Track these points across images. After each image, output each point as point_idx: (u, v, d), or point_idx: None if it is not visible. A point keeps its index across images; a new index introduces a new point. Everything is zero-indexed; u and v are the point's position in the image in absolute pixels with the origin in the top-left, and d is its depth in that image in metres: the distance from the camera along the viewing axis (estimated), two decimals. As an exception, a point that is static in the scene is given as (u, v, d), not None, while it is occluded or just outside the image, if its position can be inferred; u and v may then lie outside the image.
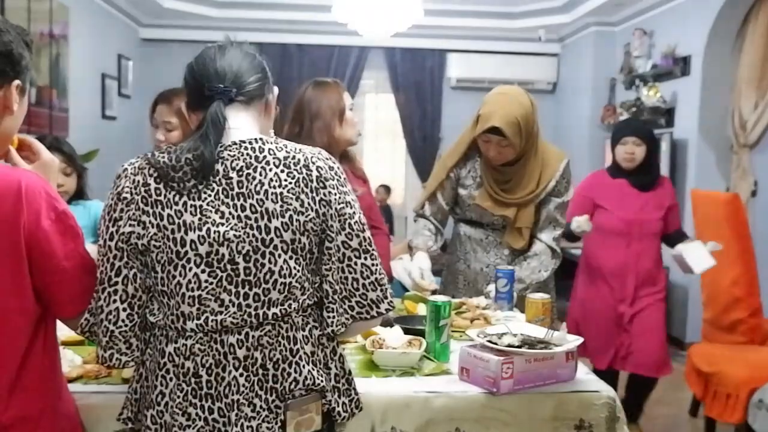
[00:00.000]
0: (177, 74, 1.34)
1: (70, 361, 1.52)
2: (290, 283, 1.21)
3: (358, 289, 1.25)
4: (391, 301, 1.29)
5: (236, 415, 1.18)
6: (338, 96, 2.28)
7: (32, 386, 1.16)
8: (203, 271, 1.17)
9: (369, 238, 1.27)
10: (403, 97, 6.52)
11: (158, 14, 5.94)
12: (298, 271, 1.22)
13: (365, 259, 1.25)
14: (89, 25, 4.98)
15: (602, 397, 1.50)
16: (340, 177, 1.27)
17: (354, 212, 1.26)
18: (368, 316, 1.27)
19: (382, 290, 1.27)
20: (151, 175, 1.19)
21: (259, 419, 1.19)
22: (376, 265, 1.27)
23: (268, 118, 1.36)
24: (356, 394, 1.33)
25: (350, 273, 1.25)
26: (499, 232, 2.47)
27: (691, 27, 4.58)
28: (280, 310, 1.20)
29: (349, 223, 1.24)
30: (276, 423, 1.21)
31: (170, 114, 2.16)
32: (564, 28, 6.18)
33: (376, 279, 1.26)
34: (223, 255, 1.17)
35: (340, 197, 1.25)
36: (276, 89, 1.39)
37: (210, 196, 1.18)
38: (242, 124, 1.26)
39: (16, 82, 1.17)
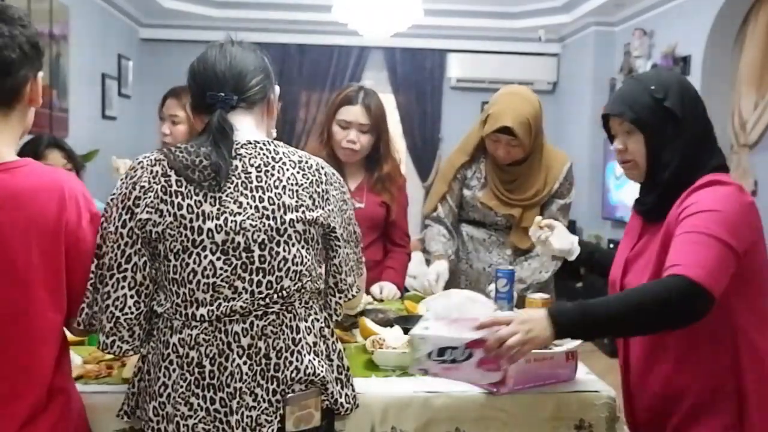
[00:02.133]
0: (177, 74, 1.36)
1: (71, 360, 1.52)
2: (301, 270, 1.27)
3: (339, 273, 1.37)
4: (359, 285, 1.43)
5: (238, 403, 1.21)
6: (333, 107, 2.30)
7: (62, 383, 1.22)
8: (218, 259, 1.21)
9: (353, 231, 1.40)
10: (403, 97, 6.51)
11: (158, 14, 5.93)
12: (308, 259, 1.28)
13: (345, 247, 1.37)
14: (89, 25, 4.98)
15: (602, 397, 1.50)
16: (340, 180, 1.39)
17: (347, 209, 1.39)
18: (346, 299, 1.40)
19: (353, 276, 1.41)
20: (171, 168, 1.23)
21: (259, 410, 1.22)
22: (356, 253, 1.42)
23: (271, 117, 1.40)
24: (354, 390, 1.37)
25: (334, 258, 1.37)
26: (501, 232, 2.47)
27: (691, 27, 4.57)
28: (288, 292, 1.25)
29: (343, 218, 1.37)
30: (275, 417, 1.23)
31: (178, 108, 2.24)
32: (564, 28, 6.18)
33: (351, 267, 1.40)
34: (238, 243, 1.22)
35: (339, 197, 1.36)
36: (278, 88, 1.42)
37: (230, 188, 1.23)
38: (248, 128, 1.31)
39: (41, 73, 1.23)
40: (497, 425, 1.46)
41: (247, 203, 1.23)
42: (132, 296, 1.23)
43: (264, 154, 1.27)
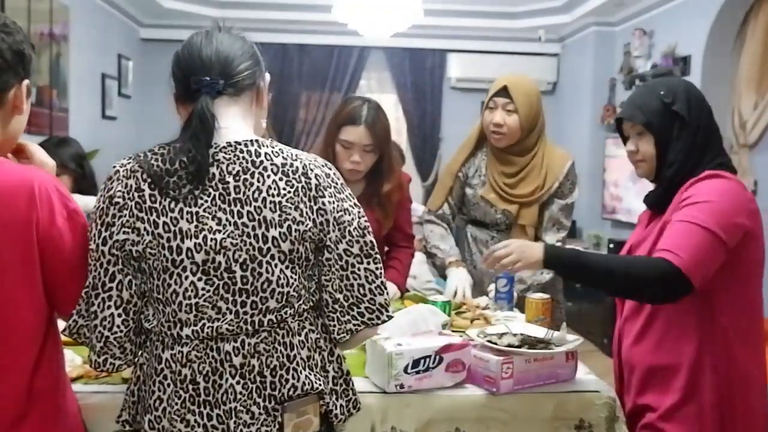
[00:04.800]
0: (177, 75, 1.33)
1: (70, 361, 1.52)
2: (288, 292, 1.19)
3: (365, 295, 1.23)
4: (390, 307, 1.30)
5: (234, 422, 1.17)
6: (335, 125, 2.21)
7: (45, 386, 1.18)
8: (200, 279, 1.15)
9: (371, 242, 1.24)
10: (403, 97, 6.51)
11: (158, 14, 5.93)
12: (295, 279, 1.20)
13: (368, 263, 1.23)
14: (89, 25, 4.98)
15: (602, 397, 1.50)
16: (337, 183, 1.25)
17: (353, 219, 1.23)
18: (378, 321, 1.25)
19: (387, 294, 1.26)
20: (144, 180, 1.16)
21: (258, 424, 1.18)
22: (380, 268, 1.25)
23: (260, 107, 1.32)
24: (354, 394, 1.31)
25: (355, 279, 1.23)
26: (503, 233, 2.47)
27: (691, 27, 4.57)
28: (276, 317, 1.19)
29: (349, 230, 1.22)
30: (274, 426, 1.19)
31: None
32: (564, 28, 6.18)
33: (381, 282, 1.25)
34: (219, 263, 1.15)
35: (337, 205, 1.22)
36: (268, 75, 1.33)
37: (207, 201, 1.16)
38: (233, 123, 1.22)
39: (26, 81, 1.20)
40: (497, 425, 1.46)
41: (226, 219, 1.15)
42: (120, 315, 1.18)
43: (243, 159, 1.17)
